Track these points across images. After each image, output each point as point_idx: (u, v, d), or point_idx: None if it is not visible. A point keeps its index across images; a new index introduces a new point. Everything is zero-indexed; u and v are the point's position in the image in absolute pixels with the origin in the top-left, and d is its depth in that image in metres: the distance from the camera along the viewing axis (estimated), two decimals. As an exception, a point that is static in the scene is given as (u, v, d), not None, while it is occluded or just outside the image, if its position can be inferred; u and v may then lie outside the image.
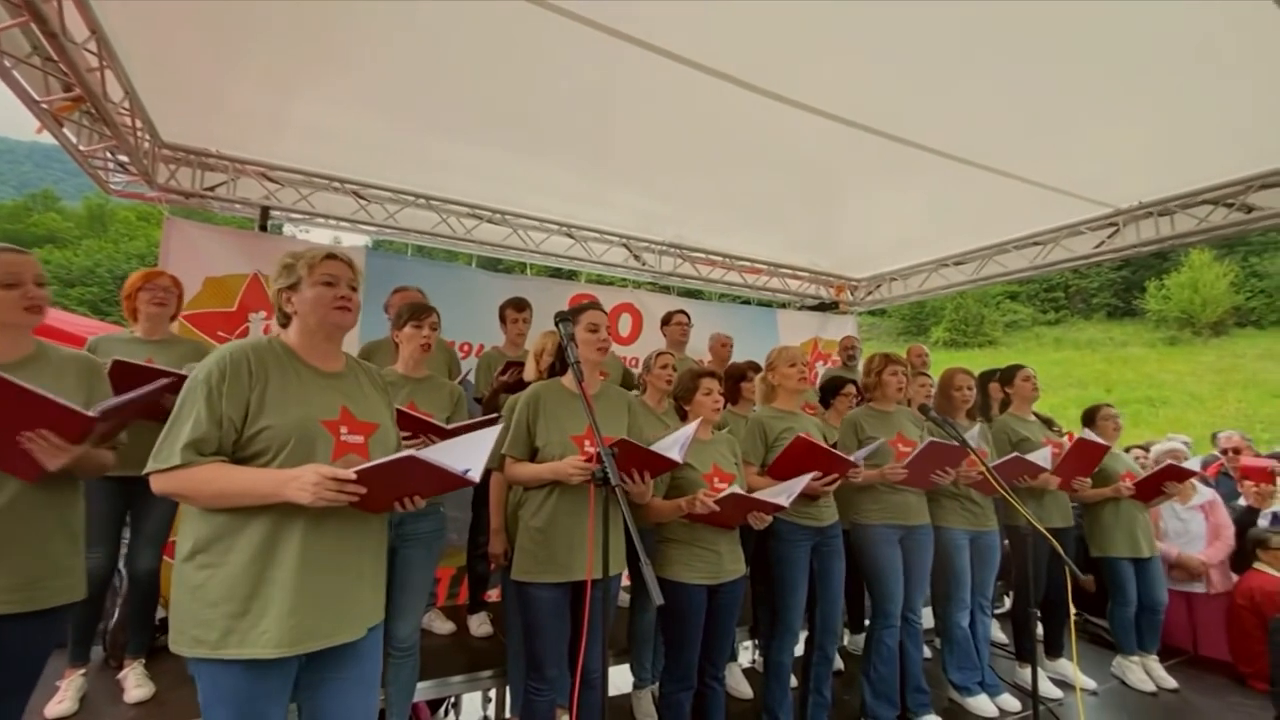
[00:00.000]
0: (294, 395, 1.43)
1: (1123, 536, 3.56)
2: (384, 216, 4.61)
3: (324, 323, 1.50)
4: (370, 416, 1.54)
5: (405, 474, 1.36)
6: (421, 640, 2.51)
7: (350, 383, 1.57)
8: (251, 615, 1.31)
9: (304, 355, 1.51)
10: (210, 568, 1.33)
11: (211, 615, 1.30)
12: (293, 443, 1.37)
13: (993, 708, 3.11)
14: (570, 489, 2.06)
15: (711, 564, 2.36)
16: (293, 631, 1.33)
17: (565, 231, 5.22)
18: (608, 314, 2.30)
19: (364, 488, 1.32)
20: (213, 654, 1.30)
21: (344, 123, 3.67)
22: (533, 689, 2.16)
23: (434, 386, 2.50)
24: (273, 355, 1.46)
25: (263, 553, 1.33)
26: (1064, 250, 4.97)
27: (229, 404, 1.35)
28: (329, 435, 1.43)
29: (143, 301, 2.62)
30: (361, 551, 1.48)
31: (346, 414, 1.49)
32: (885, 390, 3.03)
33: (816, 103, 3.25)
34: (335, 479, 1.28)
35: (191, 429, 1.31)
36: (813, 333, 6.49)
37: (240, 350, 1.42)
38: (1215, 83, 2.97)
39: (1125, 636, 3.58)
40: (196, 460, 1.31)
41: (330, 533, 1.40)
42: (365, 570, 1.50)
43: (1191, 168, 3.93)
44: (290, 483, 1.29)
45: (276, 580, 1.33)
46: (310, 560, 1.36)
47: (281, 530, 1.35)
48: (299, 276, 1.50)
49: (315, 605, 1.36)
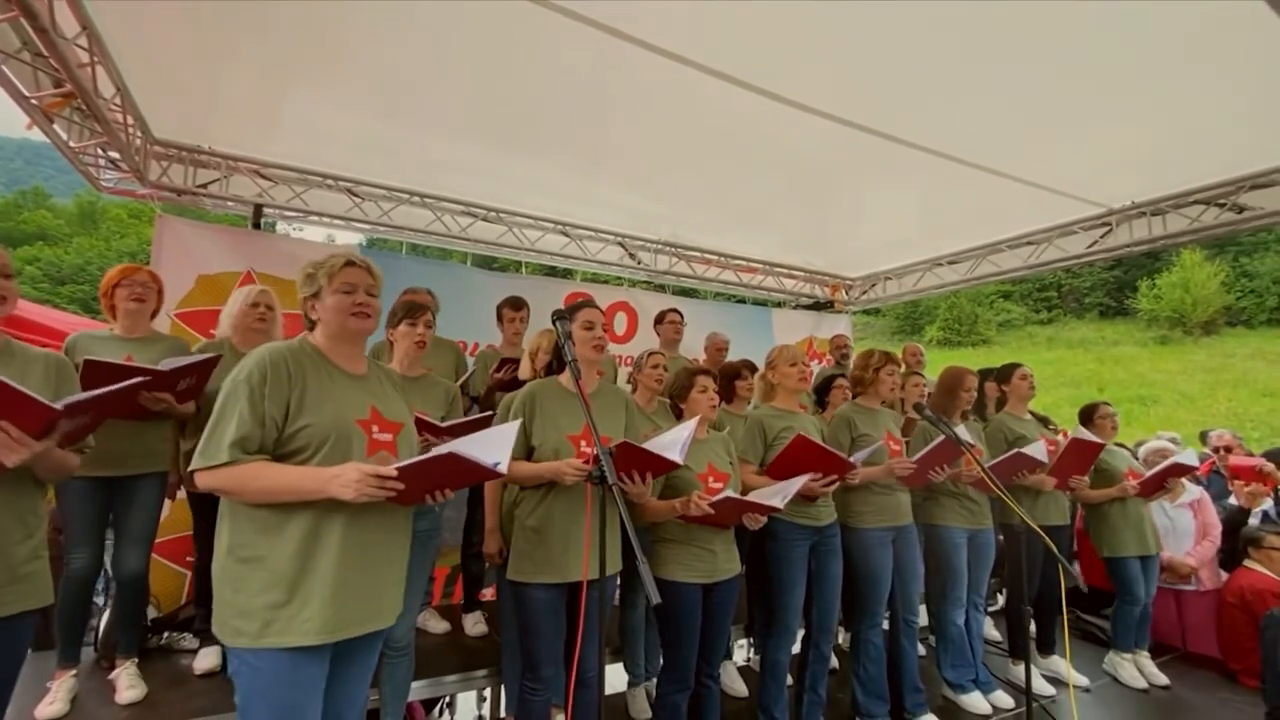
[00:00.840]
0: (329, 395, 1.51)
1: (1133, 535, 3.56)
2: (378, 214, 4.59)
3: (344, 329, 1.57)
4: (396, 416, 1.63)
5: (443, 469, 1.44)
6: (416, 640, 2.50)
7: (375, 384, 1.65)
8: (295, 604, 1.38)
9: (333, 358, 1.59)
10: (253, 561, 1.39)
11: (254, 605, 1.37)
12: (331, 440, 1.45)
13: (986, 705, 3.13)
14: (566, 489, 2.06)
15: (707, 563, 2.37)
16: (334, 619, 1.41)
17: (561, 230, 5.21)
18: (604, 312, 2.29)
19: (403, 484, 1.38)
20: (254, 643, 1.36)
21: (338, 120, 3.65)
22: (528, 689, 2.15)
23: (429, 385, 2.49)
24: (306, 357, 1.54)
25: (306, 545, 1.40)
26: (1057, 250, 5.00)
27: (271, 403, 1.42)
28: (363, 433, 1.52)
29: (120, 298, 2.53)
30: (392, 543, 1.58)
31: (376, 413, 1.57)
32: (879, 388, 3.02)
33: (812, 102, 3.26)
34: (377, 476, 1.35)
35: (236, 427, 1.38)
36: (808, 332, 6.50)
37: (279, 352, 1.49)
38: (1206, 83, 2.99)
39: (1126, 634, 3.60)
40: (242, 458, 1.37)
41: (366, 525, 1.48)
42: (395, 560, 1.59)
43: (1183, 168, 3.96)
44: (334, 479, 1.36)
45: (319, 570, 1.40)
46: (351, 552, 1.44)
47: (323, 524, 1.42)
48: (320, 285, 1.57)
49: (354, 594, 1.45)
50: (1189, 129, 3.44)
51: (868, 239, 5.68)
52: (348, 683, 1.55)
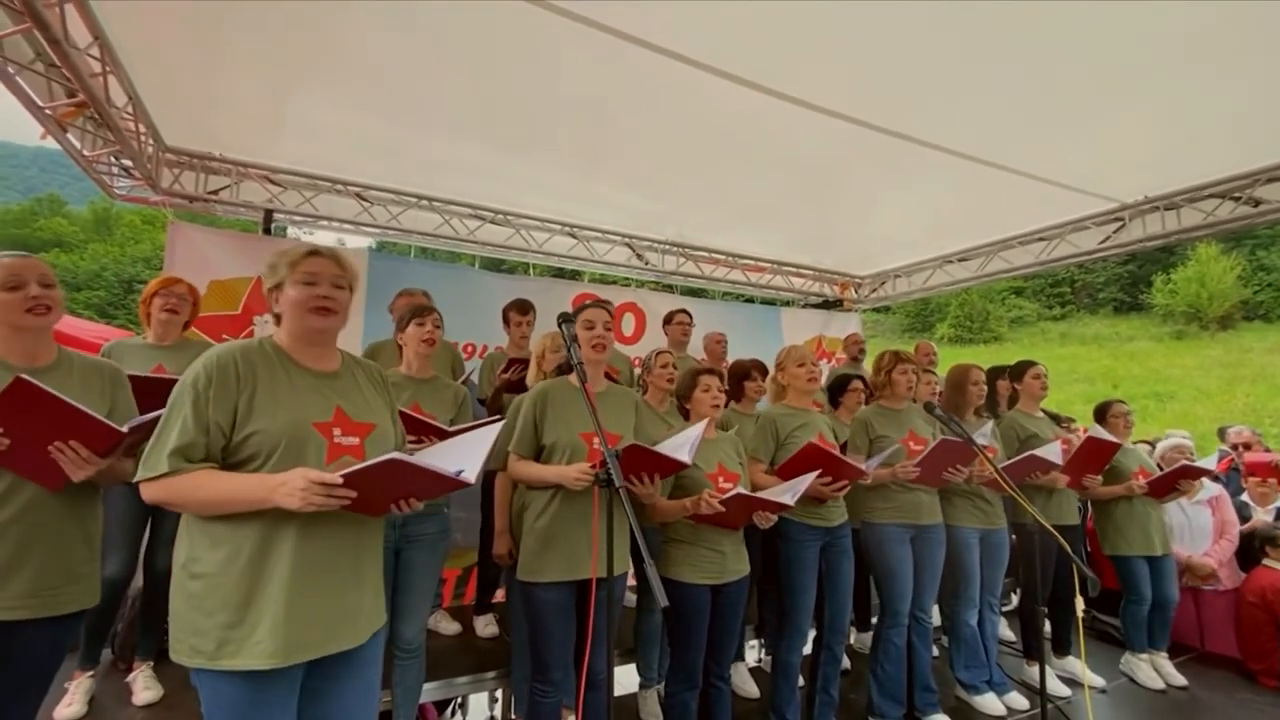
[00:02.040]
0: (284, 398, 1.39)
1: (1137, 534, 3.51)
2: (387, 218, 4.62)
3: (302, 326, 1.44)
4: (367, 417, 1.49)
5: (393, 476, 1.31)
6: (428, 641, 2.51)
7: (346, 382, 1.52)
8: (246, 625, 1.28)
9: (295, 356, 1.46)
10: (205, 577, 1.30)
11: (207, 625, 1.28)
12: (283, 447, 1.33)
13: (1000, 706, 3.10)
14: (575, 491, 2.06)
15: (716, 564, 2.36)
16: (287, 642, 1.29)
17: (568, 231, 5.22)
18: (612, 312, 2.29)
19: (353, 491, 1.28)
20: (210, 664, 1.27)
21: (345, 125, 3.68)
22: (538, 690, 2.16)
23: (438, 388, 2.50)
24: (262, 357, 1.41)
25: (255, 561, 1.30)
26: (1069, 245, 4.95)
27: (216, 409, 1.31)
28: (321, 438, 1.39)
29: (156, 308, 2.64)
30: (359, 556, 1.45)
31: (341, 415, 1.44)
32: (895, 389, 3.01)
33: (819, 100, 3.24)
34: (323, 483, 1.24)
35: (178, 435, 1.28)
36: (817, 330, 6.47)
37: (228, 353, 1.38)
38: (1220, 77, 2.95)
39: (1137, 634, 3.55)
40: (184, 467, 1.28)
41: (324, 538, 1.36)
42: (364, 574, 1.46)
43: (1197, 162, 3.90)
44: (279, 488, 1.25)
45: (270, 589, 1.30)
46: (304, 567, 1.33)
47: (274, 537, 1.31)
48: (281, 276, 1.44)
49: (310, 614, 1.33)
50: (1202, 122, 3.39)
51: (877, 237, 5.65)
52: (339, 700, 1.43)
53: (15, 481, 1.51)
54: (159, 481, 1.28)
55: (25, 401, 1.36)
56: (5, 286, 1.56)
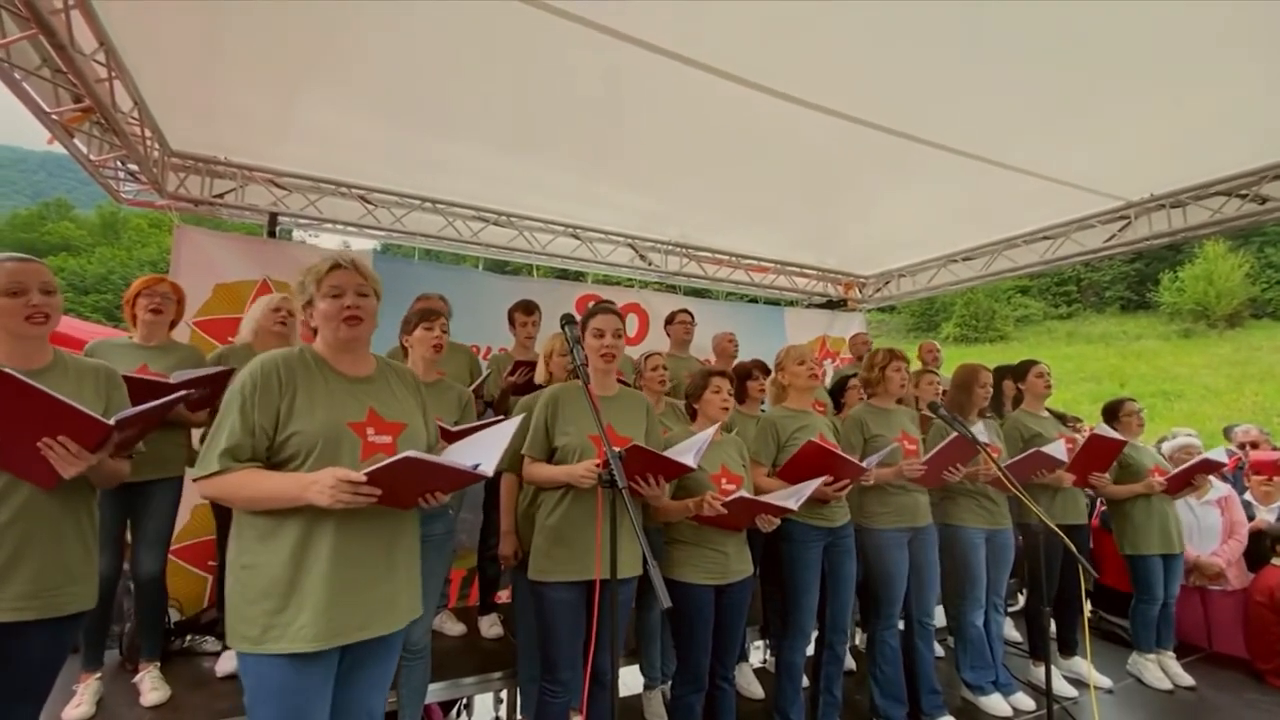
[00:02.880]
0: (321, 401, 1.50)
1: (1157, 533, 3.48)
2: (391, 221, 4.64)
3: (336, 337, 1.56)
4: (398, 417, 1.60)
5: (412, 473, 1.40)
6: (433, 642, 2.52)
7: (379, 385, 1.63)
8: (290, 611, 1.38)
9: (332, 362, 1.58)
10: (252, 567, 1.41)
11: (253, 612, 1.39)
12: (320, 446, 1.44)
13: (1007, 707, 3.09)
14: (585, 491, 2.06)
15: (719, 564, 2.36)
16: (329, 627, 1.40)
17: (571, 233, 5.23)
18: (622, 318, 2.29)
19: (378, 488, 1.36)
20: (255, 649, 1.38)
21: (349, 128, 3.70)
22: (547, 690, 2.16)
23: (443, 390, 2.51)
24: (302, 364, 1.53)
25: (298, 551, 1.41)
26: (1074, 244, 4.93)
27: (260, 413, 1.43)
28: (355, 437, 1.50)
29: (140, 308, 2.66)
30: (394, 547, 1.55)
31: (374, 415, 1.55)
32: (888, 385, 3.00)
33: (822, 100, 3.24)
34: (350, 481, 1.33)
35: (227, 437, 1.40)
36: (821, 330, 6.46)
37: (271, 361, 1.50)
38: (1225, 74, 2.94)
39: (1146, 634, 3.53)
40: (233, 466, 1.40)
41: (360, 530, 1.46)
42: (398, 565, 1.56)
43: (1203, 159, 3.89)
44: (311, 486, 1.35)
45: (312, 577, 1.40)
46: (343, 557, 1.43)
47: (315, 529, 1.42)
48: (310, 292, 1.56)
49: (348, 601, 1.43)
50: (1207, 120, 3.38)
51: (880, 236, 5.64)
52: (360, 686, 1.54)
53: (11, 481, 1.52)
54: (211, 480, 1.41)
55: (10, 396, 1.37)
56: (6, 292, 1.57)
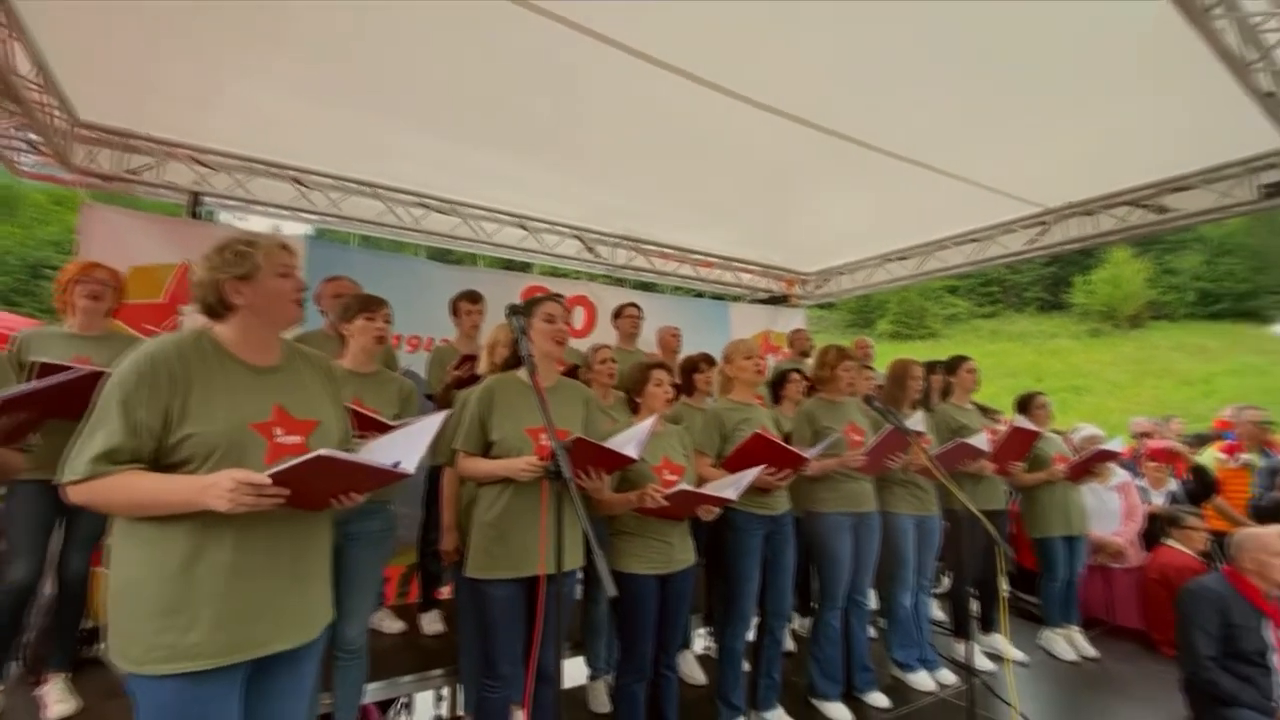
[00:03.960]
0: (221, 399, 1.33)
1: (1058, 517, 3.80)
2: (326, 204, 4.44)
3: (282, 317, 1.45)
4: (309, 413, 1.45)
5: (325, 473, 1.28)
6: (371, 641, 2.45)
7: (288, 376, 1.47)
8: (178, 629, 1.24)
9: (237, 350, 1.41)
10: (136, 580, 1.26)
11: (138, 629, 1.25)
12: (220, 452, 1.29)
13: (932, 682, 3.28)
14: (525, 485, 2.05)
15: (663, 554, 2.40)
16: (229, 641, 1.28)
17: (517, 223, 5.15)
18: (565, 306, 2.28)
19: (286, 490, 1.24)
20: (141, 669, 1.24)
21: (283, 104, 3.51)
22: (487, 687, 2.14)
23: (382, 382, 2.42)
24: (199, 354, 1.35)
25: (190, 561, 1.26)
26: (999, 247, 5.23)
27: (147, 412, 1.26)
28: (261, 439, 1.35)
29: (78, 295, 2.49)
30: (303, 553, 1.42)
31: (281, 413, 1.40)
32: (837, 383, 3.13)
33: (770, 100, 3.31)
34: (252, 484, 1.20)
35: (104, 439, 1.23)
36: (764, 326, 6.60)
37: (162, 351, 1.31)
38: (1131, 94, 3.17)
39: (1054, 610, 3.83)
40: (108, 470, 1.23)
41: (264, 536, 1.33)
42: (309, 571, 1.44)
43: (1112, 171, 4.18)
44: (207, 490, 1.21)
45: (205, 589, 1.26)
46: (244, 566, 1.30)
47: (210, 537, 1.27)
48: (257, 266, 1.39)
49: (252, 612, 1.31)
50: (1115, 135, 3.64)
51: (822, 234, 5.80)
52: (275, 697, 1.41)
53: None
54: (81, 485, 1.24)
55: None
56: None
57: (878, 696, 3.09)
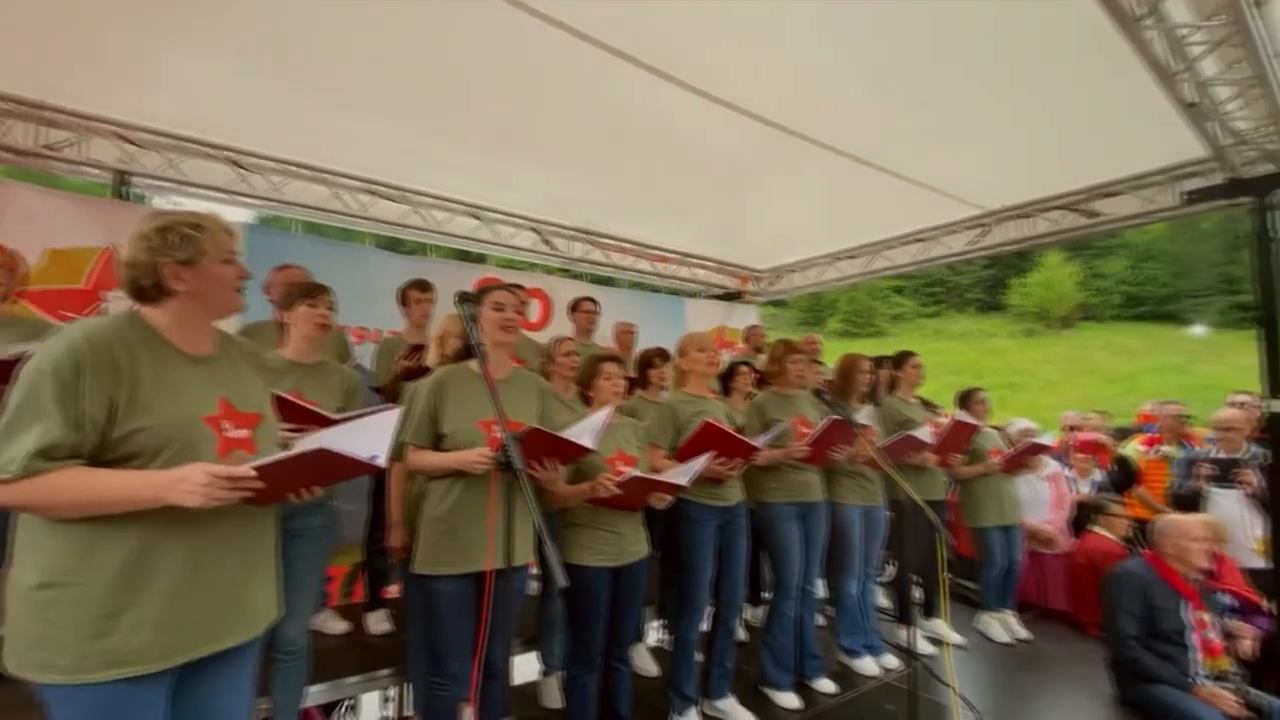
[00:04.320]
0: (169, 390, 1.26)
1: (993, 507, 3.99)
2: (267, 189, 4.25)
3: (223, 305, 1.38)
4: (252, 406, 1.41)
5: (312, 465, 1.26)
6: (313, 642, 2.37)
7: (226, 368, 1.41)
8: (120, 633, 1.16)
9: (171, 338, 1.32)
10: (64, 586, 1.16)
11: (65, 637, 1.15)
12: (172, 445, 1.22)
13: (876, 667, 3.38)
14: (476, 478, 2.00)
15: (614, 545, 2.39)
16: (174, 641, 1.22)
17: (471, 213, 5.04)
18: (520, 297, 2.24)
19: (263, 483, 1.21)
20: (68, 679, 1.14)
21: (221, 81, 3.32)
22: (435, 684, 2.09)
23: (325, 374, 2.33)
24: (138, 340, 1.27)
25: (135, 564, 1.18)
26: (943, 247, 5.43)
27: (91, 402, 1.15)
28: (211, 433, 1.29)
29: None
30: (256, 546, 1.40)
31: (227, 406, 1.35)
32: (787, 376, 3.18)
33: (727, 96, 3.33)
34: (230, 477, 1.16)
35: (41, 433, 1.12)
36: (718, 321, 6.66)
37: (101, 336, 1.21)
38: (1067, 99, 3.31)
39: (990, 595, 4.02)
40: (46, 468, 1.12)
41: (216, 534, 1.28)
42: (262, 564, 1.42)
43: (1048, 175, 4.38)
44: (175, 485, 1.15)
45: (152, 591, 1.20)
46: (193, 564, 1.25)
47: (158, 537, 1.20)
48: (202, 250, 1.31)
49: (200, 610, 1.26)
50: (1053, 140, 3.81)
51: (775, 232, 5.90)
52: (208, 694, 1.34)
53: None
54: (13, 485, 1.12)
55: None
56: None
57: (825, 683, 3.17)
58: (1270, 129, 3.09)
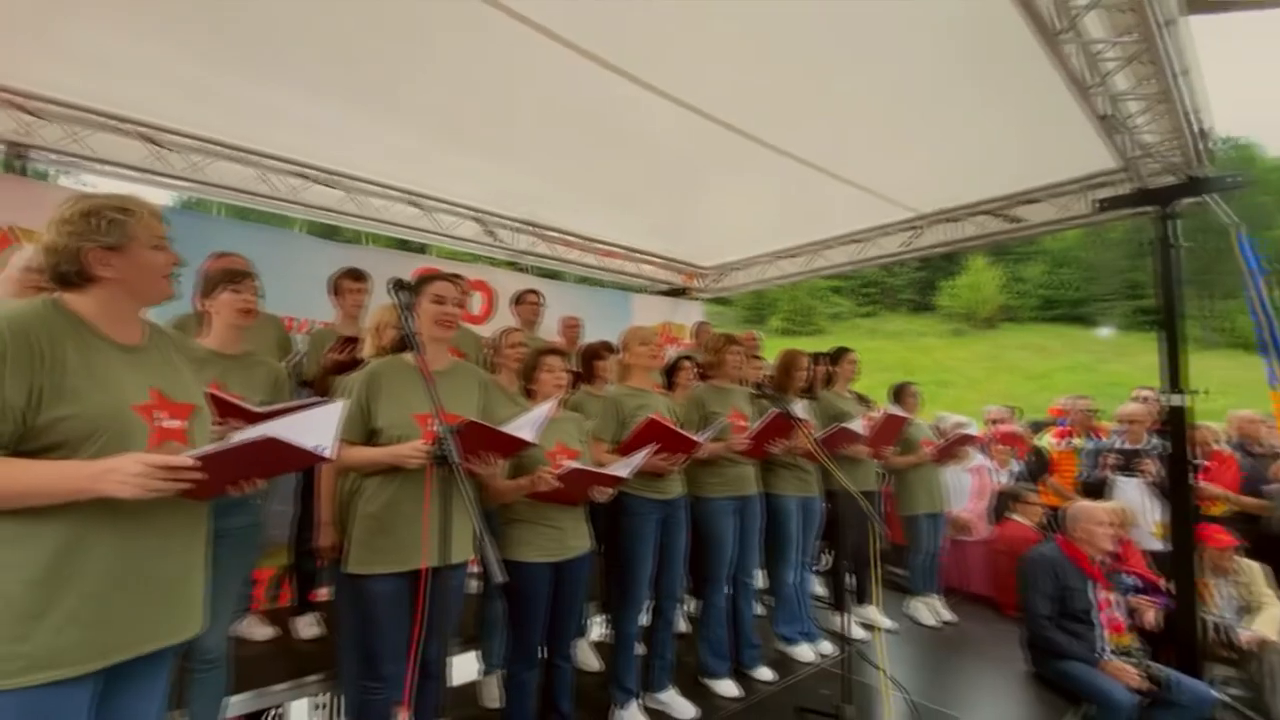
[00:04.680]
0: (98, 377, 1.21)
1: (924, 495, 4.19)
2: (188, 169, 3.97)
3: (153, 294, 1.33)
4: (186, 396, 1.36)
5: (256, 455, 1.22)
6: (236, 649, 2.24)
7: (157, 358, 1.36)
8: (45, 632, 1.11)
9: (98, 325, 1.26)
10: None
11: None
12: (104, 437, 1.17)
13: (813, 654, 3.49)
14: (411, 473, 1.94)
15: (555, 540, 2.37)
16: (103, 641, 1.17)
17: (411, 200, 4.87)
18: (463, 288, 2.17)
19: (205, 474, 1.16)
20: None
21: (135, 50, 3.06)
22: (369, 688, 2.02)
23: (249, 365, 2.19)
24: (63, 327, 1.20)
25: (61, 559, 1.13)
26: (878, 248, 5.63)
27: (11, 387, 1.10)
28: (143, 423, 1.24)
29: None
30: (191, 546, 1.34)
31: (159, 396, 1.30)
32: (724, 368, 3.23)
33: (677, 92, 3.33)
34: (169, 467, 1.11)
35: None
36: (664, 317, 6.71)
37: (21, 320, 1.15)
38: (992, 108, 3.48)
39: (919, 580, 4.22)
40: None
41: (150, 528, 1.23)
42: (194, 564, 1.36)
43: (976, 181, 4.60)
44: (107, 475, 1.10)
45: (82, 588, 1.14)
46: (123, 561, 1.19)
47: (88, 529, 1.15)
48: (131, 236, 1.26)
49: (131, 609, 1.21)
50: (978, 148, 4.01)
51: (720, 230, 5.97)
52: (129, 696, 1.29)
53: None
54: None
55: None
56: None
57: (764, 670, 3.24)
58: (1174, 143, 3.34)
